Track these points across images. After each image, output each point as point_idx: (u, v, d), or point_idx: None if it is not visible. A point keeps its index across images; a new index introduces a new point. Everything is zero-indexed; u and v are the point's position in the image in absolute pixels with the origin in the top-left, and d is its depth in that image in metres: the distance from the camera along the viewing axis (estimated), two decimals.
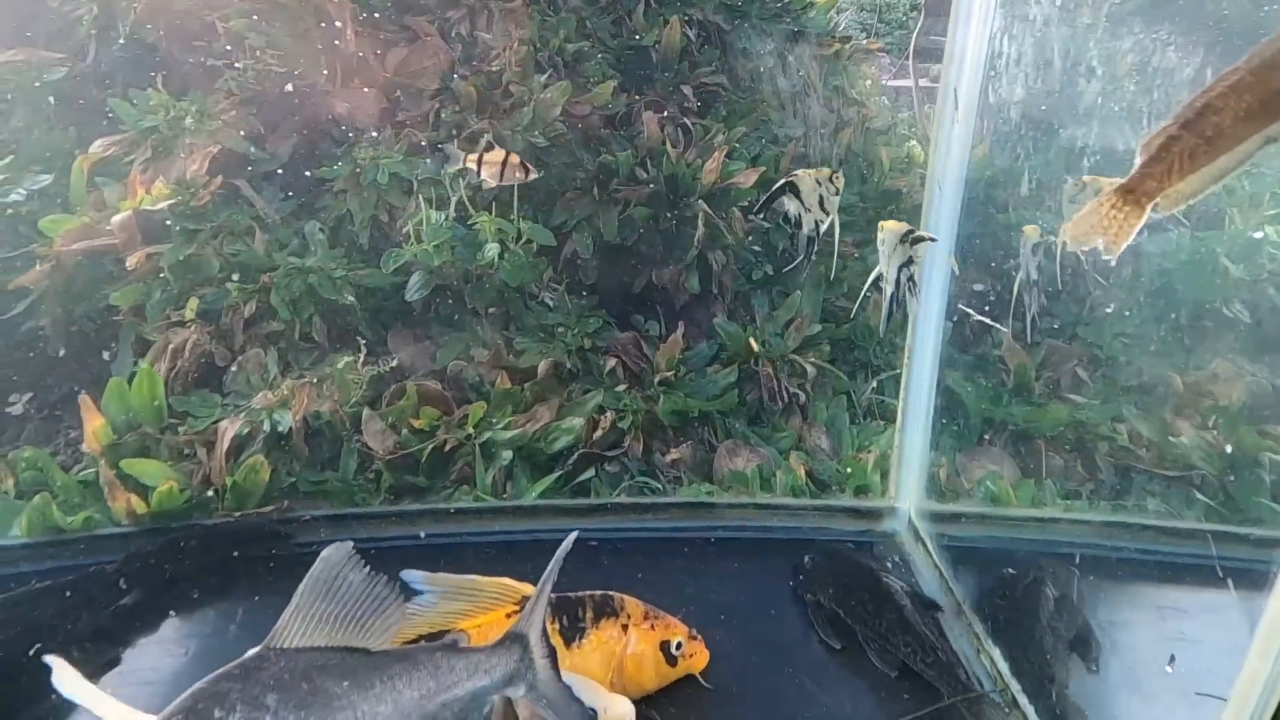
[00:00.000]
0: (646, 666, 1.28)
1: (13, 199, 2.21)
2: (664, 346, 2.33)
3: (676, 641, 1.31)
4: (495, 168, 2.02)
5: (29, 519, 1.64)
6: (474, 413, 2.01)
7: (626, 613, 1.30)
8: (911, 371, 1.68)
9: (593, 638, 1.27)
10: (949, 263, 1.59)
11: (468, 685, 1.08)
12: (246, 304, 2.11)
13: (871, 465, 1.91)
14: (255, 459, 1.74)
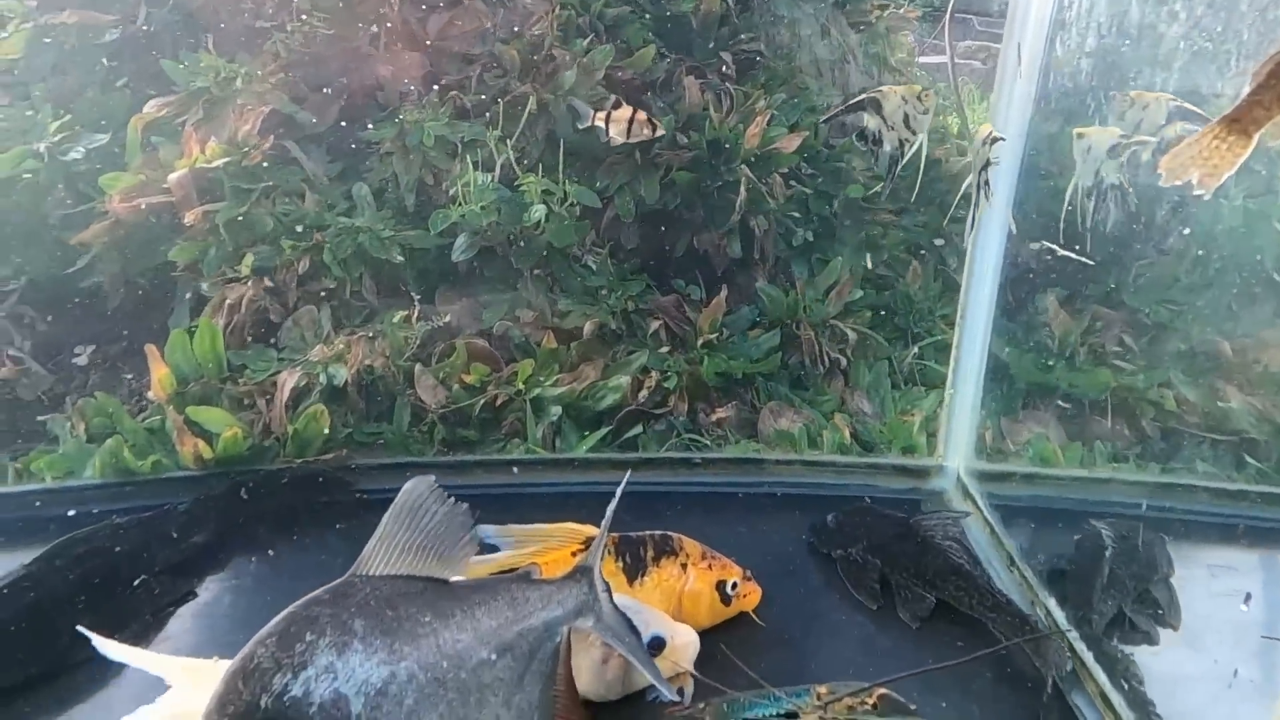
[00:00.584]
0: (703, 604, 1.33)
1: (71, 157, 2.27)
2: (707, 309, 2.35)
3: (732, 581, 1.35)
4: (623, 124, 2.05)
5: (101, 461, 1.70)
6: (523, 369, 2.05)
7: (685, 552, 1.35)
8: (964, 330, 1.70)
9: (654, 575, 1.31)
10: (1007, 221, 1.60)
11: (542, 615, 1.13)
12: (300, 261, 2.15)
13: (917, 426, 1.93)
14: (316, 408, 1.79)
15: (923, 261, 2.81)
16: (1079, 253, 1.53)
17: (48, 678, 1.27)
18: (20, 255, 2.22)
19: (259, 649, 0.99)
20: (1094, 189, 1.33)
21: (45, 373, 2.07)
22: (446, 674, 1.04)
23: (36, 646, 1.27)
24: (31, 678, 1.26)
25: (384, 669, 1.01)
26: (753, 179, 2.57)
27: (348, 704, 0.99)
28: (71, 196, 2.25)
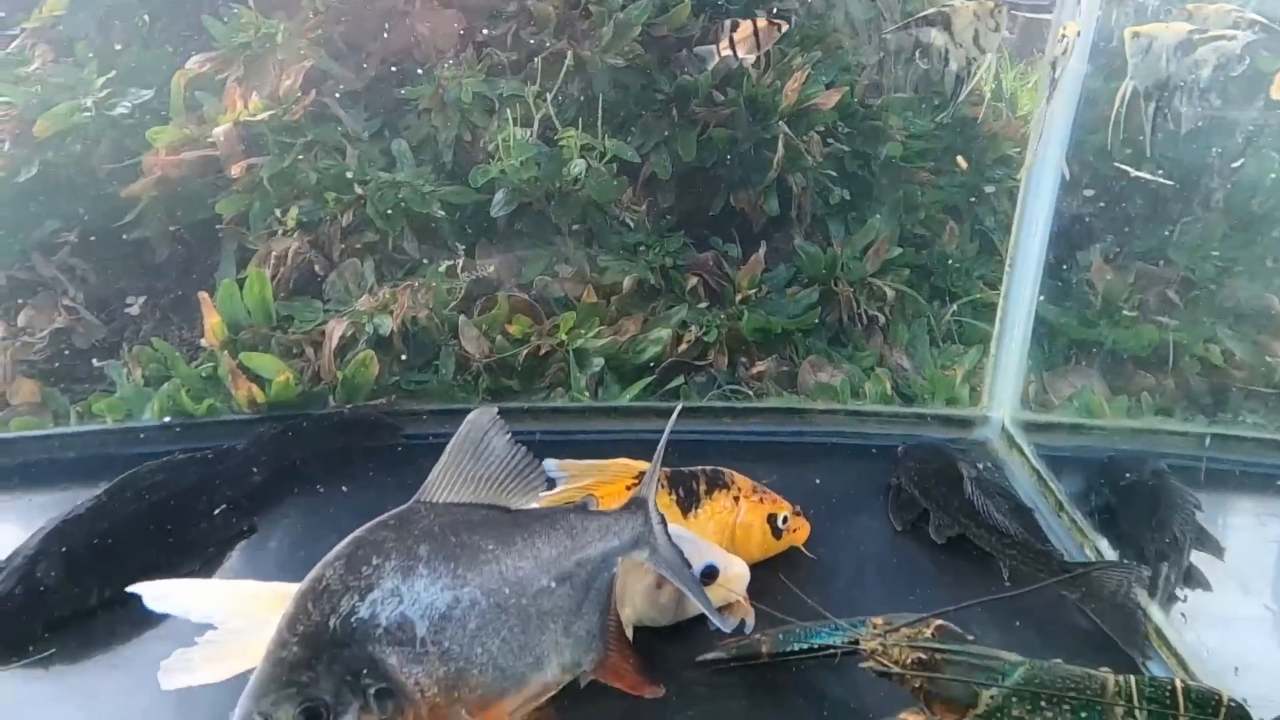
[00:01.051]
0: (754, 536, 1.34)
1: (118, 112, 2.28)
2: (745, 266, 2.34)
3: (783, 515, 1.36)
4: (749, 40, 2.02)
5: (159, 404, 1.73)
6: (565, 321, 2.05)
7: (737, 486, 1.36)
8: (1012, 278, 1.67)
9: (706, 508, 1.32)
10: (1060, 166, 1.56)
11: (600, 546, 1.14)
12: (343, 215, 2.16)
13: (960, 379, 1.91)
14: (365, 354, 1.81)
15: (960, 222, 2.77)
16: (1151, 174, 1.47)
17: (118, 602, 1.30)
18: (70, 208, 2.24)
19: (328, 571, 1.01)
20: (1156, 94, 1.23)
21: (98, 323, 2.10)
22: (508, 600, 1.06)
23: (110, 571, 1.30)
24: (106, 601, 1.30)
25: (448, 594, 1.03)
26: (791, 136, 2.53)
27: (413, 627, 1.01)
28: (118, 151, 2.27)
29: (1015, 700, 0.95)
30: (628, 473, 1.33)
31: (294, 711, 0.93)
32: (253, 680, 0.96)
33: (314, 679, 0.95)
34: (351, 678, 0.96)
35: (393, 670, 0.98)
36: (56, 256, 2.17)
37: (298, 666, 0.96)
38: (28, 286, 2.13)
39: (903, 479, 1.56)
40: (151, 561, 1.35)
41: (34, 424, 1.79)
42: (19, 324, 2.02)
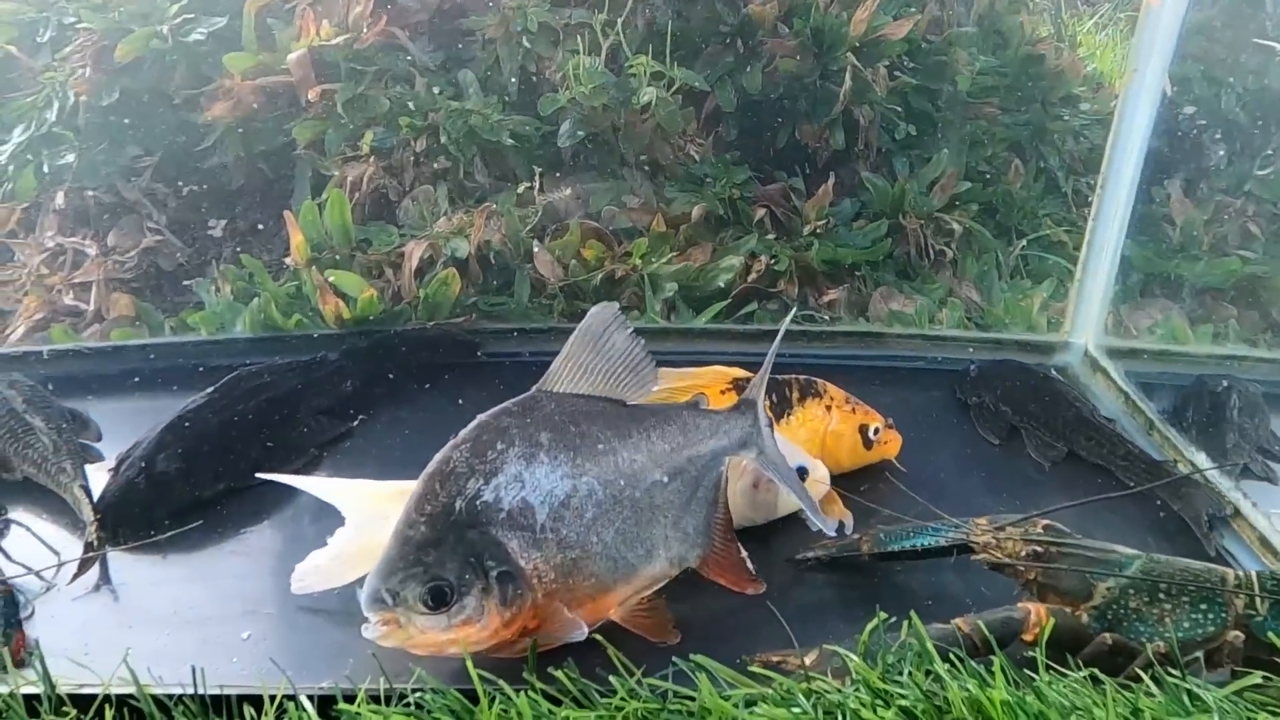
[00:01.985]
0: (845, 446, 1.34)
1: (193, 39, 2.26)
2: (814, 198, 2.29)
3: (874, 426, 1.35)
4: None
5: (250, 317, 1.75)
6: (638, 247, 2.03)
7: (830, 395, 1.35)
8: (1103, 200, 1.61)
9: (799, 414, 1.32)
10: (1162, 85, 1.49)
11: (710, 444, 1.13)
12: (416, 141, 2.14)
13: (1037, 308, 1.86)
14: (447, 272, 1.81)
15: (1024, 160, 2.68)
16: None
17: (233, 493, 1.33)
18: (150, 134, 2.24)
19: (454, 454, 1.01)
20: None
21: (180, 245, 2.12)
22: (623, 492, 1.06)
23: (224, 464, 1.33)
24: (219, 493, 1.33)
25: (567, 482, 1.03)
26: (859, 68, 2.45)
27: (533, 513, 1.01)
28: (194, 78, 2.25)
29: (1133, 592, 0.93)
30: (721, 379, 1.33)
31: (420, 590, 0.95)
32: (380, 560, 0.98)
33: (440, 559, 0.97)
34: (475, 559, 0.98)
35: (513, 554, 1.00)
36: (138, 180, 2.17)
37: (425, 546, 0.97)
38: (113, 209, 2.15)
39: (987, 397, 1.53)
40: (259, 457, 1.38)
41: (132, 334, 1.82)
42: (109, 244, 2.04)
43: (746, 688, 0.86)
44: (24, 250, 2.04)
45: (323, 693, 0.90)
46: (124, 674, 0.90)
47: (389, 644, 0.97)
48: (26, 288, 2.00)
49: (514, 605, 0.99)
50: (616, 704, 0.86)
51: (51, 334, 1.84)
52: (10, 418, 1.36)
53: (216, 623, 1.11)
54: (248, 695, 0.90)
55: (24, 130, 2.19)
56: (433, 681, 0.91)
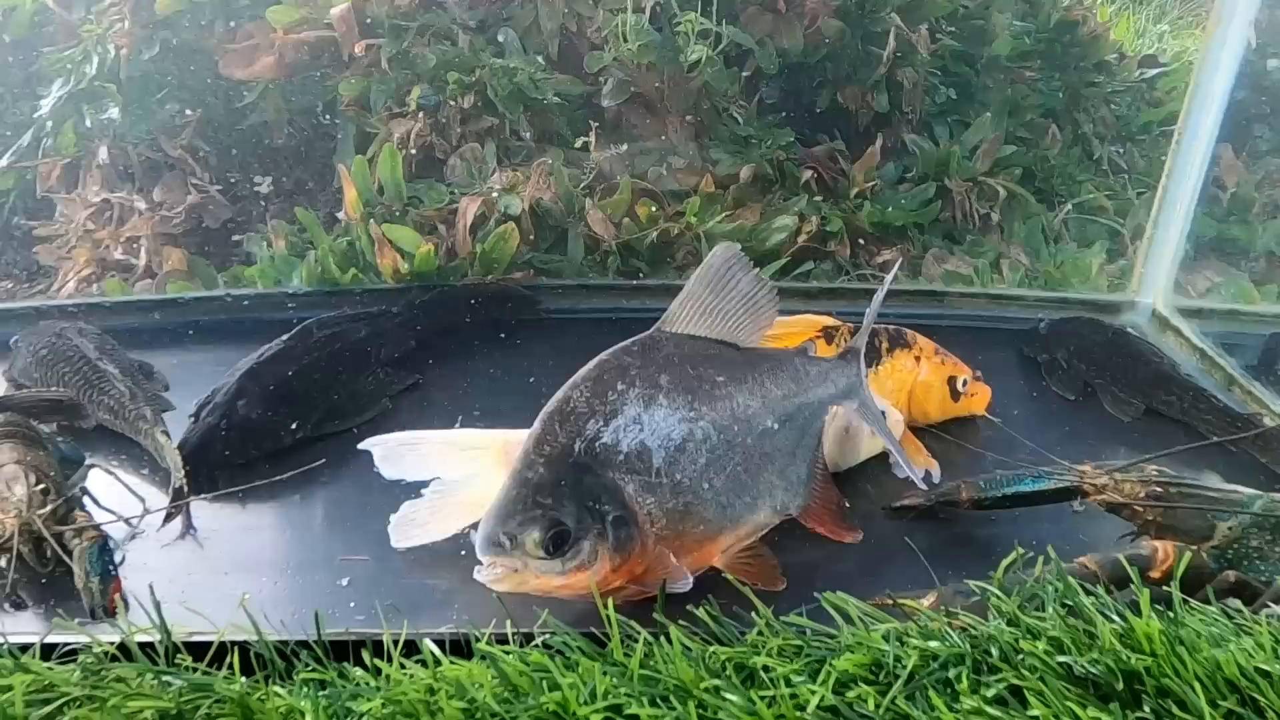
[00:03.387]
0: (934, 396, 1.32)
1: None
2: (861, 160, 2.23)
3: (963, 379, 1.31)
4: None
5: (307, 271, 1.69)
6: (691, 206, 1.97)
7: (919, 346, 1.32)
8: (1178, 156, 1.56)
9: (887, 365, 1.28)
10: (1246, 34, 1.44)
11: (818, 392, 1.10)
12: (464, 98, 2.06)
13: (1095, 269, 1.82)
14: (506, 227, 1.76)
15: (1060, 125, 2.63)
16: None
17: (308, 442, 1.29)
18: (191, 90, 2.16)
19: (574, 393, 0.97)
20: None
21: (225, 202, 2.04)
22: (736, 438, 1.02)
23: (301, 412, 1.29)
24: (297, 441, 1.28)
25: (684, 425, 0.99)
26: (902, 28, 2.38)
27: (650, 456, 0.97)
28: (234, 32, 2.17)
29: (1255, 530, 0.90)
30: (811, 327, 1.29)
31: (539, 534, 0.91)
32: (497, 501, 0.94)
33: (558, 502, 0.93)
34: (593, 503, 0.94)
35: (629, 498, 0.96)
36: (181, 138, 2.09)
37: (543, 488, 0.93)
38: (156, 165, 2.07)
39: (1060, 354, 1.50)
40: (334, 406, 1.33)
41: (188, 287, 1.76)
42: (155, 199, 1.97)
43: (885, 623, 0.82)
44: (69, 205, 1.96)
45: (442, 636, 0.86)
46: (213, 620, 0.86)
47: (502, 588, 0.94)
48: (72, 243, 1.93)
49: (626, 551, 0.95)
50: (754, 640, 0.82)
51: (106, 286, 1.77)
52: (84, 364, 1.31)
53: (310, 570, 1.07)
54: (366, 640, 0.86)
55: (63, 85, 2.11)
56: (554, 624, 0.87)
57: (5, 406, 1.25)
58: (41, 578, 1.01)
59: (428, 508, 1.07)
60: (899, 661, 0.76)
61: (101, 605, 0.96)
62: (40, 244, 2.01)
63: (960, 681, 0.73)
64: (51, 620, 0.93)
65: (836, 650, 0.80)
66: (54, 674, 0.75)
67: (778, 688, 0.74)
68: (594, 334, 1.79)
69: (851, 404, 1.13)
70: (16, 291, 1.99)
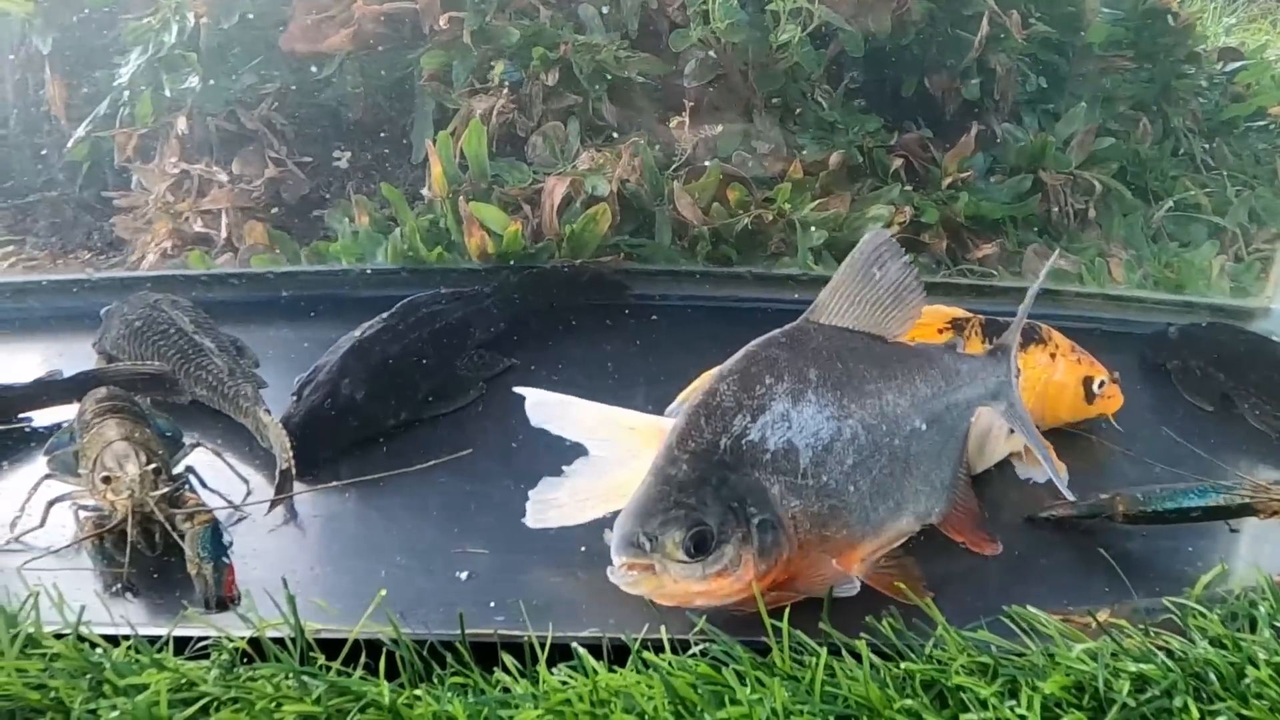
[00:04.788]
0: (1066, 397, 1.23)
1: None
2: (954, 149, 2.12)
3: (1099, 380, 1.22)
4: None
5: (393, 248, 1.63)
6: (781, 191, 1.89)
7: (1054, 343, 1.23)
8: None
9: (1020, 361, 1.18)
10: None
11: (966, 392, 1.02)
12: (548, 74, 1.99)
13: (1216, 271, 1.71)
14: (598, 208, 1.68)
15: (1151, 118, 2.49)
16: None
17: (408, 426, 1.23)
18: (267, 63, 2.10)
19: (722, 386, 0.90)
20: None
21: (303, 177, 1.99)
22: (883, 438, 0.95)
23: (404, 394, 1.24)
24: (399, 424, 1.23)
25: (832, 424, 0.92)
26: (997, 12, 2.26)
27: (797, 456, 0.90)
28: (314, 5, 2.10)
29: None
30: (940, 318, 1.20)
31: (681, 535, 0.84)
32: (637, 499, 0.87)
33: (702, 502, 0.86)
34: (737, 504, 0.87)
35: (774, 500, 0.88)
36: (258, 110, 2.04)
37: (686, 487, 0.86)
38: (233, 137, 2.02)
39: (1194, 361, 1.39)
40: (433, 388, 1.27)
41: (271, 261, 1.71)
42: (234, 172, 1.92)
43: (1077, 641, 0.75)
44: (147, 177, 1.92)
45: (591, 640, 0.79)
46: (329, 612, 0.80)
47: (637, 592, 0.87)
48: (150, 214, 1.89)
49: (770, 556, 0.88)
50: (940, 656, 0.75)
51: (189, 259, 1.73)
52: (180, 338, 1.26)
53: (423, 561, 1.01)
54: (504, 641, 0.80)
55: (142, 54, 2.06)
56: (707, 631, 0.80)
57: (101, 379, 1.21)
58: (150, 566, 0.96)
59: (569, 489, 0.99)
60: (1109, 686, 0.68)
61: (216, 594, 0.90)
62: (118, 215, 1.98)
63: (1188, 713, 0.65)
64: (155, 609, 0.88)
65: (1027, 669, 0.73)
66: (192, 671, 0.70)
67: (976, 710, 0.67)
68: (683, 322, 1.72)
69: (999, 406, 1.04)
70: (94, 262, 1.97)
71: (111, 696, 0.66)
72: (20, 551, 0.97)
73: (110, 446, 0.98)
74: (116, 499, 0.93)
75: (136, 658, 0.70)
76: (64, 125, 2.17)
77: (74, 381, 1.22)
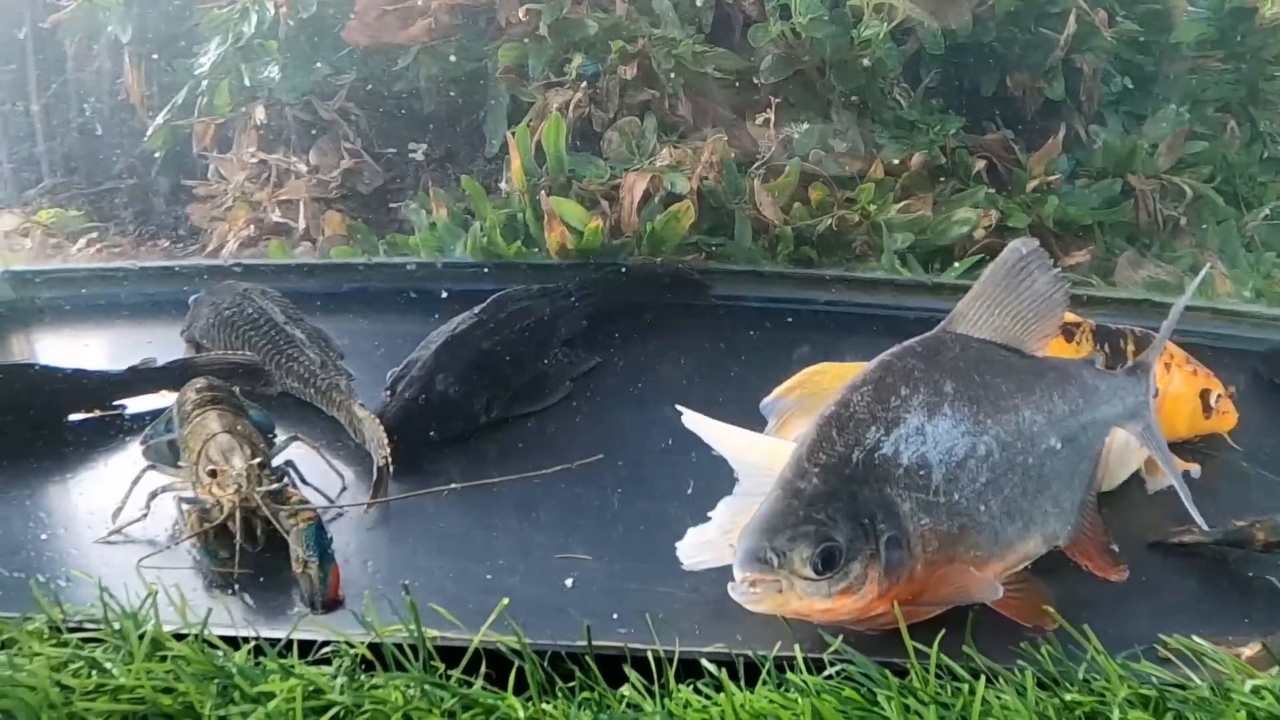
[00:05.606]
0: (1184, 412, 1.16)
1: None
2: (1040, 151, 2.04)
3: (1216, 394, 1.15)
4: None
5: (472, 241, 1.60)
6: (864, 192, 1.82)
7: (1170, 352, 1.16)
8: None
9: None
10: None
11: (1104, 410, 0.95)
12: (626, 68, 1.94)
13: None
14: (681, 205, 1.64)
15: (1238, 121, 2.37)
16: None
17: (498, 424, 1.20)
18: (342, 54, 2.09)
19: (854, 396, 0.85)
20: None
21: (378, 169, 1.98)
22: (1017, 457, 0.89)
23: (496, 390, 1.21)
24: (491, 421, 1.20)
25: (967, 440, 0.86)
26: (1085, 9, 2.16)
27: (930, 473, 0.85)
28: None
29: None
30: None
31: (811, 552, 0.80)
32: (763, 513, 0.82)
33: (832, 517, 0.81)
34: (868, 520, 0.82)
35: (904, 517, 0.83)
36: (334, 101, 2.03)
37: (816, 501, 0.81)
38: (309, 127, 2.02)
39: None
40: (524, 385, 1.24)
41: (351, 253, 1.70)
42: (311, 162, 1.91)
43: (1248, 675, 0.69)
44: (225, 166, 1.92)
45: (716, 656, 0.75)
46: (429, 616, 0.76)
47: (760, 609, 0.82)
48: (228, 203, 1.89)
49: (896, 576, 0.83)
50: (1098, 685, 0.69)
51: (269, 249, 1.73)
52: (271, 329, 1.24)
53: (527, 564, 0.97)
54: (620, 655, 0.76)
55: (220, 43, 2.06)
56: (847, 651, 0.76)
57: (195, 368, 1.20)
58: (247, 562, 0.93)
59: (717, 529, 0.94)
60: None
61: (322, 595, 0.88)
62: (195, 203, 1.98)
63: None
64: (258, 608, 0.86)
65: (1192, 704, 0.67)
66: (317, 678, 0.67)
67: None
68: (764, 324, 1.67)
69: (1136, 426, 0.98)
70: (171, 251, 1.97)
71: (240, 703, 0.63)
72: (125, 544, 0.96)
73: (215, 439, 0.96)
74: (222, 494, 0.91)
75: (264, 662, 0.68)
76: (141, 114, 2.19)
77: (168, 370, 1.21)
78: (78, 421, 1.19)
